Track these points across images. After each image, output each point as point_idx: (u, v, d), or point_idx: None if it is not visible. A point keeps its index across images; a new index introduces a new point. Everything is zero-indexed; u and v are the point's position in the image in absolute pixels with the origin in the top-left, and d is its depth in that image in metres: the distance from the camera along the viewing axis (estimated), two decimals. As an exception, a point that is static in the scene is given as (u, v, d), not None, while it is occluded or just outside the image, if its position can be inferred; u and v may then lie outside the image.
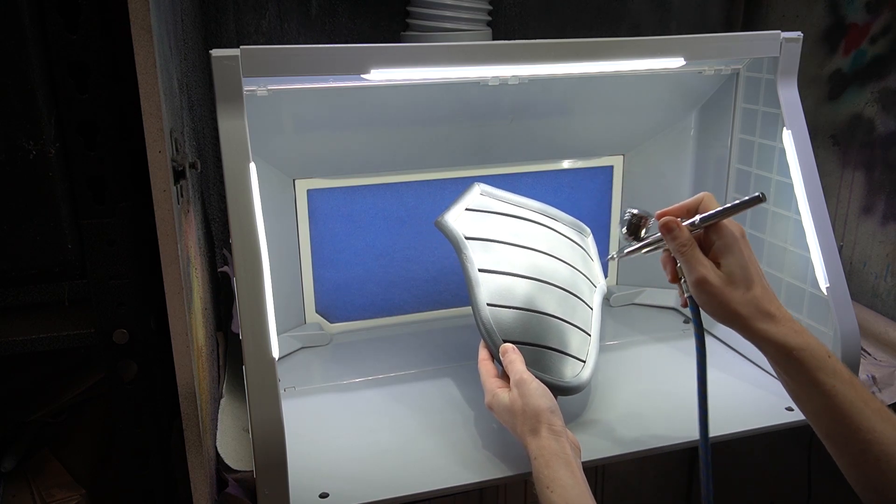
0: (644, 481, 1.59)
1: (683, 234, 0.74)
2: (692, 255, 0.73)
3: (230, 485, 0.78)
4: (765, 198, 0.73)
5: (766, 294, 0.72)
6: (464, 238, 0.92)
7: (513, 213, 0.99)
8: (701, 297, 0.73)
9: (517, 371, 0.80)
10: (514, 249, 0.93)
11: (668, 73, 1.02)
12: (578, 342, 0.91)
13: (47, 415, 0.90)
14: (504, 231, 0.95)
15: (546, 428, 0.74)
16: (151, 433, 0.74)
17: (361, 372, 1.02)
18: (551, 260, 0.95)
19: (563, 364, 0.88)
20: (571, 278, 0.96)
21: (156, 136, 0.63)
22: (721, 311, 0.72)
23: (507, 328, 0.86)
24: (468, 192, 1.00)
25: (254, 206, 0.74)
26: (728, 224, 0.74)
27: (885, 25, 1.10)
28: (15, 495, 0.82)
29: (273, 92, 0.87)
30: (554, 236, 1.00)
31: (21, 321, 0.69)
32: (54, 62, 0.62)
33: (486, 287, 0.88)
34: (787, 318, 0.72)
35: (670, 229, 0.75)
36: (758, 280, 0.72)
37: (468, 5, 1.09)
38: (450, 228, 0.93)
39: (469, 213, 0.96)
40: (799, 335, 0.70)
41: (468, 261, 0.90)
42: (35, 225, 0.65)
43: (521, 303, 0.88)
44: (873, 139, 1.13)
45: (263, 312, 0.72)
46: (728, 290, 0.72)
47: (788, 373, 0.71)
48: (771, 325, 0.71)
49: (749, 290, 0.71)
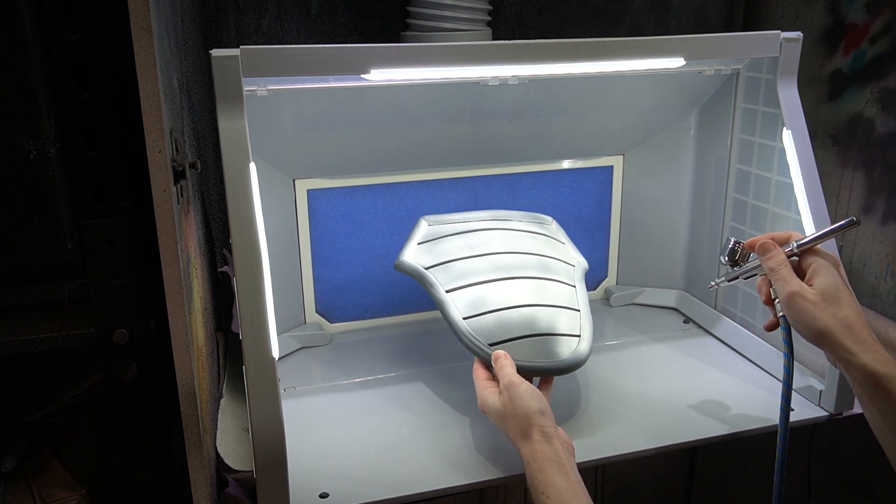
0: (644, 481, 1.59)
1: (780, 255, 0.78)
2: (786, 273, 0.76)
3: (230, 485, 0.78)
4: (859, 222, 0.77)
5: (858, 317, 0.72)
6: (423, 269, 0.95)
7: (463, 230, 1.02)
8: (792, 311, 0.74)
9: (506, 375, 0.80)
10: (474, 260, 0.96)
11: (668, 73, 1.02)
12: (567, 320, 0.91)
13: (47, 415, 0.90)
14: (459, 248, 0.98)
15: (537, 431, 0.74)
16: (151, 433, 0.74)
17: (361, 372, 1.02)
18: (514, 256, 0.97)
19: (557, 345, 0.88)
20: (541, 265, 0.97)
21: (156, 136, 0.63)
22: (811, 327, 0.72)
23: (490, 333, 0.87)
24: (416, 228, 1.03)
25: (254, 206, 0.74)
26: (822, 250, 0.77)
27: (885, 25, 1.10)
28: (15, 495, 0.82)
29: (273, 92, 0.87)
30: (510, 234, 1.02)
31: (21, 321, 0.69)
32: (54, 62, 0.62)
33: (457, 304, 0.90)
34: (878, 345, 0.71)
35: (767, 250, 0.78)
36: (851, 302, 0.73)
37: (468, 5, 1.09)
38: (409, 266, 0.96)
39: (422, 245, 0.99)
40: (890, 364, 0.69)
41: (432, 287, 0.93)
42: (35, 225, 0.65)
43: (496, 305, 0.89)
44: (873, 139, 1.13)
45: (263, 312, 0.72)
46: (821, 305, 0.72)
47: (875, 402, 0.69)
48: (860, 348, 0.70)
49: (842, 309, 0.72)
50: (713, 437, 0.87)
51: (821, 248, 0.77)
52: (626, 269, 1.25)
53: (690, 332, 1.14)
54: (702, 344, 1.10)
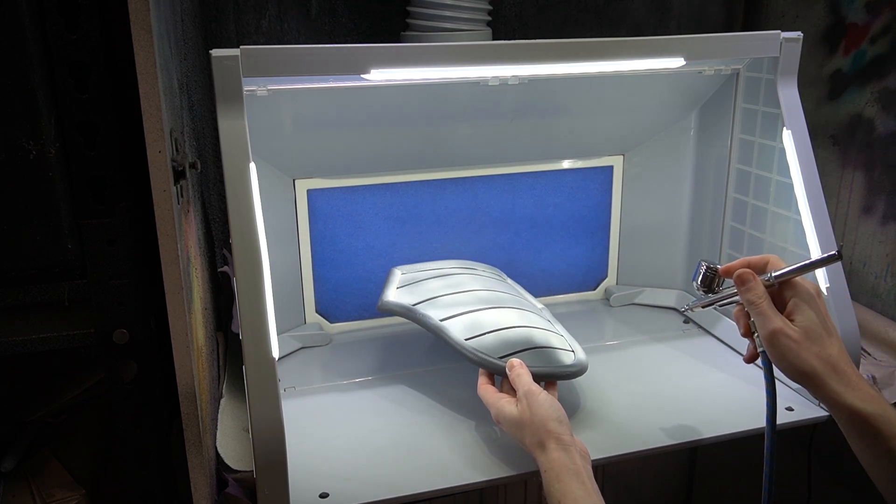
0: (644, 481, 1.59)
1: (759, 287, 0.73)
2: (767, 308, 0.72)
3: (230, 485, 0.78)
4: (842, 256, 0.73)
5: (842, 354, 0.70)
6: (411, 305, 0.96)
7: (438, 274, 1.03)
8: (774, 351, 0.72)
9: (525, 383, 0.80)
10: (458, 295, 0.97)
11: (668, 73, 1.02)
12: (557, 340, 0.92)
13: (47, 415, 0.90)
14: (440, 287, 0.99)
15: (554, 440, 0.73)
16: (151, 433, 0.74)
17: (361, 372, 1.02)
18: (491, 293, 0.99)
19: (558, 355, 0.89)
20: (516, 301, 0.99)
21: (156, 136, 0.63)
22: (794, 367, 0.70)
23: (494, 348, 0.88)
24: (390, 276, 1.05)
25: (254, 206, 0.74)
26: (803, 281, 0.74)
27: (885, 25, 1.10)
28: (15, 495, 0.82)
29: (273, 92, 0.87)
30: (480, 278, 1.04)
31: (21, 321, 0.69)
32: (54, 62, 0.62)
33: (455, 329, 0.91)
34: (863, 382, 0.69)
35: (745, 281, 0.74)
36: (834, 339, 0.71)
37: (468, 5, 1.09)
38: (395, 304, 0.98)
39: (401, 289, 1.00)
40: (875, 402, 0.68)
41: (425, 318, 0.94)
42: (35, 225, 0.65)
43: (493, 326, 0.90)
44: (873, 139, 1.13)
45: (263, 312, 0.72)
46: (804, 344, 0.70)
47: (863, 440, 0.68)
48: (846, 387, 0.68)
49: (825, 348, 0.70)
50: (713, 437, 0.87)
51: (800, 279, 0.74)
52: (626, 269, 1.25)
53: (690, 332, 1.14)
54: (702, 344, 1.10)
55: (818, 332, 0.70)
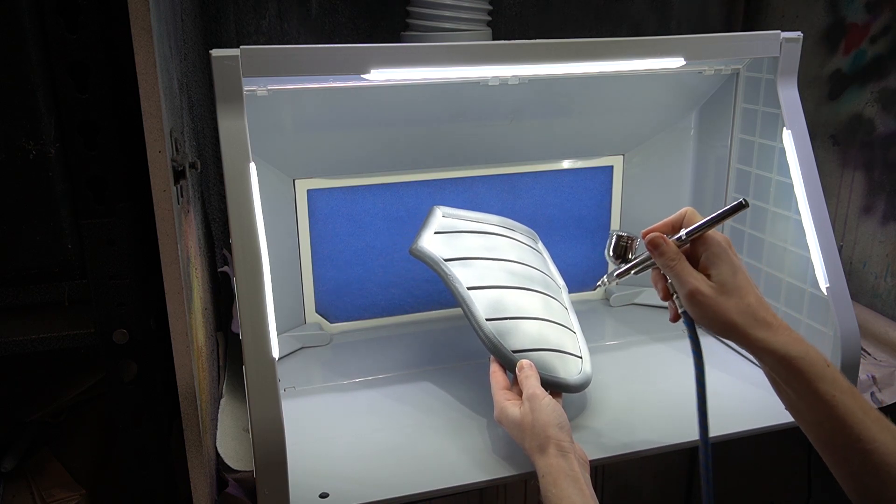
0: (644, 481, 1.59)
1: (671, 249, 0.73)
2: (682, 269, 0.72)
3: (230, 485, 0.78)
4: (747, 204, 0.72)
5: (760, 302, 0.71)
6: (443, 260, 0.93)
7: (478, 230, 1.01)
8: (695, 309, 0.72)
9: (531, 386, 0.80)
10: (491, 262, 0.95)
11: (668, 73, 1.02)
12: (570, 340, 0.92)
13: (47, 415, 0.90)
14: (477, 247, 0.96)
15: (554, 445, 0.74)
16: (151, 433, 0.74)
17: (361, 372, 1.02)
18: (524, 267, 0.97)
19: (566, 363, 0.89)
20: (544, 281, 0.98)
21: (156, 136, 0.63)
22: (717, 322, 0.71)
23: (510, 339, 0.87)
24: (431, 216, 1.01)
25: (254, 206, 0.74)
26: (713, 234, 0.73)
27: (885, 25, 1.10)
28: (15, 495, 0.82)
29: (273, 92, 0.87)
30: (517, 245, 1.02)
31: (21, 321, 0.69)
32: (54, 62, 0.62)
33: (480, 304, 0.89)
34: (784, 326, 0.70)
35: (657, 245, 0.74)
36: (750, 288, 0.71)
37: (468, 5, 1.09)
38: (428, 253, 0.94)
39: (438, 235, 0.97)
40: (798, 343, 0.69)
41: (456, 281, 0.91)
42: (35, 225, 0.66)
43: (515, 312, 0.89)
44: (873, 139, 1.13)
45: (263, 312, 0.72)
46: (722, 299, 0.70)
47: (788, 382, 0.69)
48: (769, 333, 0.69)
49: (743, 298, 0.70)
50: (713, 437, 0.86)
51: (711, 232, 0.74)
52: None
53: (690, 332, 1.14)
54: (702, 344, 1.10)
55: (734, 284, 0.70)
